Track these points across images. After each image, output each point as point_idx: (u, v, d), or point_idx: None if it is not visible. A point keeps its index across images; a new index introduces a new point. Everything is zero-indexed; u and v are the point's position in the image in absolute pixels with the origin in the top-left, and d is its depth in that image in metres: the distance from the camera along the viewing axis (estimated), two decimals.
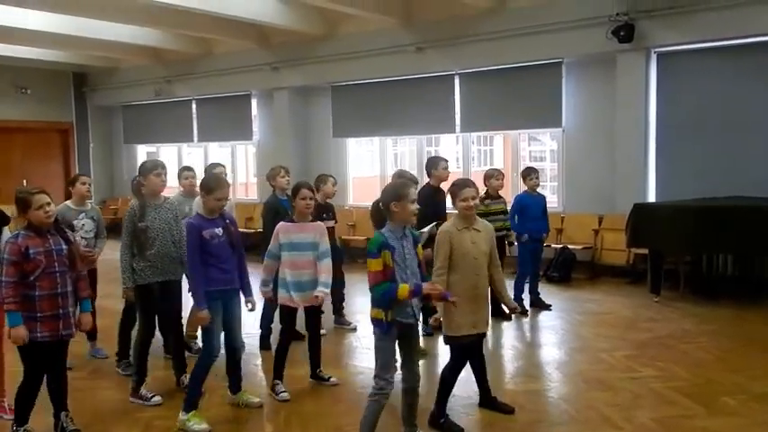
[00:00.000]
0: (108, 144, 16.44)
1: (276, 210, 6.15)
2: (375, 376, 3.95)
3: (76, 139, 16.04)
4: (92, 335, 6.20)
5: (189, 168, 6.57)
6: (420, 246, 4.15)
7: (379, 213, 3.96)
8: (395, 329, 3.92)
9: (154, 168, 5.15)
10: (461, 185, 4.45)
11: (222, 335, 4.78)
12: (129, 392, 5.11)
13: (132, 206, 5.12)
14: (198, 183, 5.39)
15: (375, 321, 3.95)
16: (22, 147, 14.76)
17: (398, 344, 4.00)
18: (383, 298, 3.86)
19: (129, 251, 5.07)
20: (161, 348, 5.95)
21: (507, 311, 6.65)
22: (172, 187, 6.57)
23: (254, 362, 5.97)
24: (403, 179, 4.14)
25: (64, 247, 4.26)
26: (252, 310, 5.00)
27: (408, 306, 3.94)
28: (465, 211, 4.39)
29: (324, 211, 6.59)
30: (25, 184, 5.82)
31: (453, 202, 4.47)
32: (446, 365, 4.60)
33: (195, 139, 14.60)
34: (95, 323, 6.15)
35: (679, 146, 8.96)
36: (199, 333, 5.71)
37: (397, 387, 4.02)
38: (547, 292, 8.23)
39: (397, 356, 3.99)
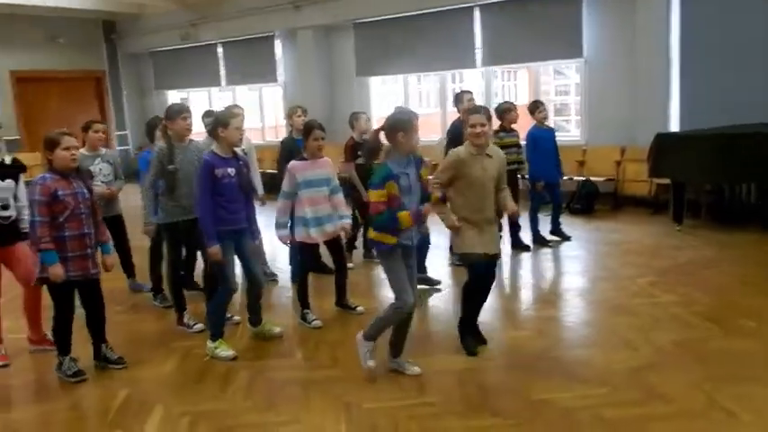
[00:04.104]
0: (140, 91, 16.55)
1: (291, 150, 6.16)
2: (395, 297, 4.15)
3: (110, 87, 16.20)
4: (130, 272, 6.50)
5: (210, 114, 6.65)
6: (424, 169, 4.26)
7: (376, 145, 4.09)
8: (398, 249, 4.11)
9: (180, 113, 5.23)
10: (471, 112, 4.53)
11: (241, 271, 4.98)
12: (176, 321, 5.42)
13: (161, 149, 5.24)
14: None
15: (376, 243, 4.15)
16: (57, 96, 14.90)
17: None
18: (386, 226, 4.03)
19: (152, 190, 5.23)
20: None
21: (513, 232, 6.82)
22: (199, 132, 6.69)
23: (285, 294, 6.19)
24: (404, 112, 4.22)
25: (86, 191, 4.46)
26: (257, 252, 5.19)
27: (404, 232, 4.09)
28: (472, 138, 4.43)
29: (360, 149, 6.63)
30: None
31: (465, 129, 4.52)
32: (465, 283, 4.72)
33: (223, 82, 14.69)
34: (131, 261, 6.45)
35: (703, 74, 8.81)
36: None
37: None
38: (569, 224, 8.32)
39: None
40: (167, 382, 4.45)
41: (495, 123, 6.32)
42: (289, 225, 5.29)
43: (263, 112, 14.64)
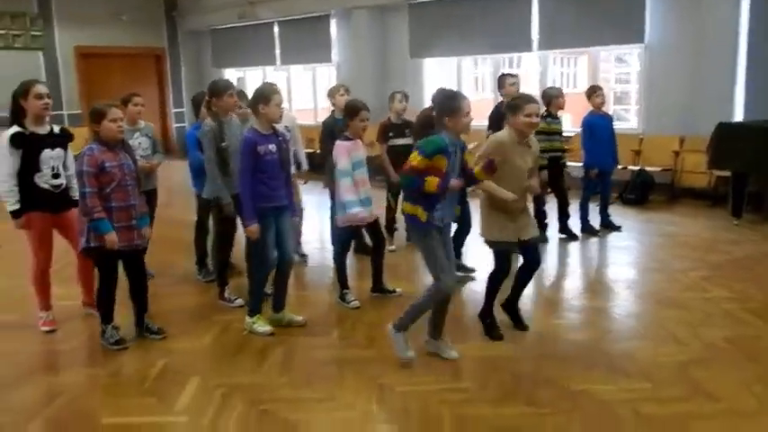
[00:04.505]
0: (198, 68, 16.69)
1: (332, 129, 6.10)
2: (435, 279, 4.08)
3: (169, 64, 16.45)
4: None
5: (242, 95, 6.61)
6: (467, 152, 4.17)
7: (428, 122, 3.99)
8: (433, 228, 4.02)
9: (227, 89, 5.21)
10: (526, 99, 4.39)
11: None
12: (218, 295, 5.47)
13: (211, 127, 5.16)
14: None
15: (410, 217, 4.06)
16: (118, 72, 15.17)
17: None
18: (410, 187, 3.95)
19: (217, 165, 5.17)
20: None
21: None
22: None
23: (328, 274, 6.17)
24: (453, 91, 4.07)
25: (131, 163, 4.52)
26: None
27: (438, 210, 4.00)
28: (526, 128, 4.33)
29: (398, 129, 6.57)
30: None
31: (514, 116, 4.35)
32: (491, 270, 4.66)
33: (278, 62, 14.77)
34: None
35: None
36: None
37: None
38: (622, 214, 8.11)
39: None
40: (205, 355, 4.51)
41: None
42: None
43: (317, 93, 14.65)
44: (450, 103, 3.96)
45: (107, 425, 3.59)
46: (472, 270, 6.06)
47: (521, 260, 4.66)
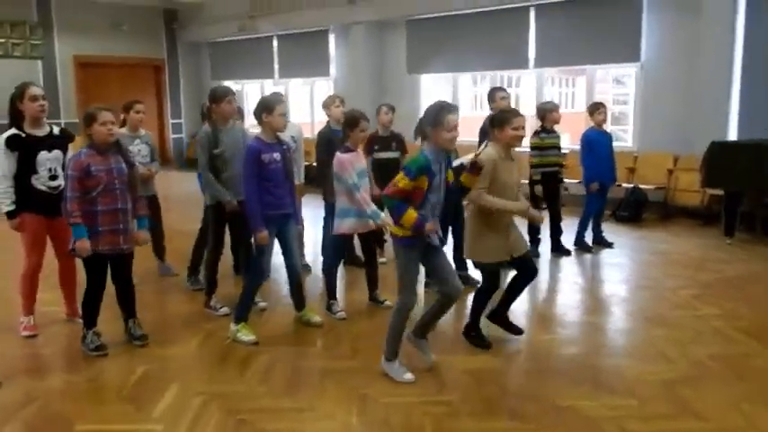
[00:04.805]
0: (197, 80, 16.75)
1: (329, 140, 6.05)
2: (399, 293, 4.03)
3: (168, 75, 16.47)
4: (161, 254, 6.53)
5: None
6: (450, 171, 4.12)
7: (420, 132, 3.94)
8: (417, 246, 3.95)
9: (225, 95, 5.18)
10: (514, 113, 4.37)
11: (282, 258, 4.96)
12: (204, 303, 5.41)
13: (206, 133, 5.17)
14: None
15: (397, 238, 3.97)
16: (119, 81, 15.20)
17: (427, 260, 4.04)
18: (392, 211, 3.85)
19: (210, 171, 5.15)
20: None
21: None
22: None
23: (317, 285, 6.10)
24: (445, 103, 3.94)
25: (124, 166, 4.47)
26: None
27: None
28: (514, 141, 4.31)
29: (385, 142, 6.53)
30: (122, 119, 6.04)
31: (501, 129, 4.31)
32: (479, 287, 4.66)
33: (276, 75, 14.81)
34: (163, 243, 6.48)
35: (765, 81, 8.39)
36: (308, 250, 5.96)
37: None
38: (615, 232, 8.08)
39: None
40: (187, 362, 4.44)
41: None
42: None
43: (314, 107, 14.65)
44: (435, 114, 3.84)
45: (81, 431, 3.52)
46: (477, 282, 5.97)
47: (511, 273, 4.63)
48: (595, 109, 7.42)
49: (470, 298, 4.80)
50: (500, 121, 4.33)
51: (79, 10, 14.46)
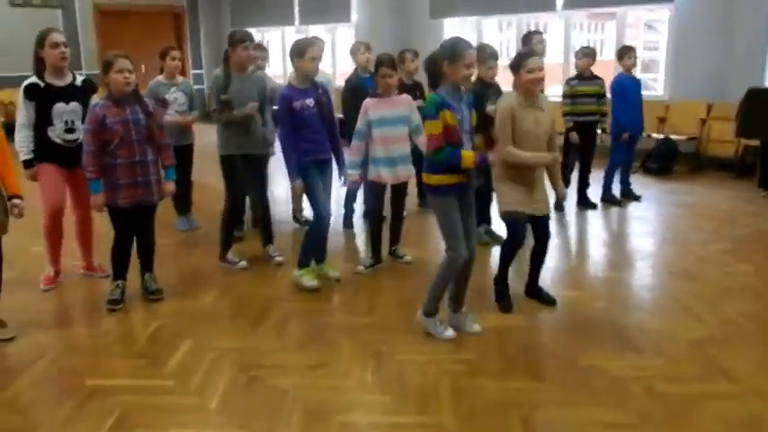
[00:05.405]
0: (217, 28, 16.43)
1: (355, 89, 5.86)
2: (446, 249, 3.85)
3: (188, 23, 16.19)
4: (187, 206, 6.37)
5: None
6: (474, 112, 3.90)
7: (433, 68, 3.71)
8: (455, 191, 3.77)
9: (242, 41, 4.93)
10: (527, 55, 4.10)
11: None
12: (218, 257, 5.30)
13: (217, 77, 5.01)
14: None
15: (433, 188, 3.79)
16: (137, 30, 14.93)
17: None
18: (446, 165, 3.67)
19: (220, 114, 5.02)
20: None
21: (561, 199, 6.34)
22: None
23: (337, 239, 5.98)
24: (462, 39, 3.72)
25: (141, 117, 4.29)
26: (344, 185, 5.03)
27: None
28: (529, 85, 4.03)
29: (408, 91, 6.33)
30: (143, 70, 5.87)
31: (517, 75, 4.07)
32: (504, 241, 4.48)
33: (297, 21, 14.50)
34: (191, 195, 6.36)
35: None
36: (306, 205, 5.81)
37: None
38: (643, 184, 7.84)
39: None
40: (201, 317, 4.36)
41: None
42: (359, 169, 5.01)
43: (336, 56, 14.37)
44: (452, 47, 3.63)
45: (90, 386, 3.46)
46: (501, 238, 5.82)
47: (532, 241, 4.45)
48: (625, 53, 7.04)
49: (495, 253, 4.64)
50: (515, 66, 4.08)
51: None
